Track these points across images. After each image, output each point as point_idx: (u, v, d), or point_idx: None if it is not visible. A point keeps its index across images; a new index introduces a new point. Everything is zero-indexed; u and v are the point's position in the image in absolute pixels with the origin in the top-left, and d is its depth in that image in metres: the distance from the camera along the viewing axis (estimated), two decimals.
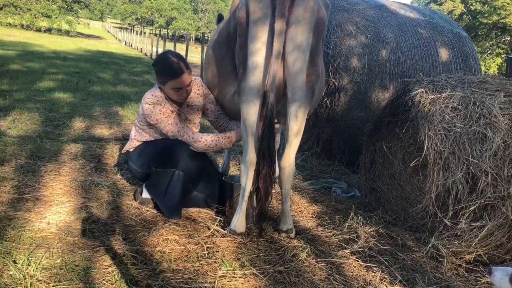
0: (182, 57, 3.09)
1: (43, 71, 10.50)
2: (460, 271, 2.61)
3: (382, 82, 4.74)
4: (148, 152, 3.16)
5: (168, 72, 2.98)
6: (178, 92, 3.03)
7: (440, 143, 2.80)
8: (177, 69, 2.97)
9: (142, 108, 3.10)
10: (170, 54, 3.08)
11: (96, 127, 5.54)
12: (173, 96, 3.06)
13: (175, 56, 3.04)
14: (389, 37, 4.91)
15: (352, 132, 4.76)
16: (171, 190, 3.05)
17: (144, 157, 3.16)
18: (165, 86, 3.02)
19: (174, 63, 2.99)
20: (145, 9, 64.74)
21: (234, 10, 2.89)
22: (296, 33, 2.60)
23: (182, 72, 2.98)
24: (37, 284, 2.09)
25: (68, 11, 38.75)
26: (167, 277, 2.27)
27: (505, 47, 34.27)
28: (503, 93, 2.91)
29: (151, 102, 3.04)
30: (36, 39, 23.88)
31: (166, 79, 2.99)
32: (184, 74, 2.99)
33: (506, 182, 2.59)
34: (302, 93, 2.68)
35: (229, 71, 3.03)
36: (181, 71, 2.98)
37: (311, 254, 2.67)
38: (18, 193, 3.17)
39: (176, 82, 2.98)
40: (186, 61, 3.09)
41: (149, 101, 3.04)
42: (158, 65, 3.07)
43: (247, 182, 2.75)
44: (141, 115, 3.15)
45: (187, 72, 3.02)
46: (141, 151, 3.21)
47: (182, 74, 2.98)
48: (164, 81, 3.01)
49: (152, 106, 3.03)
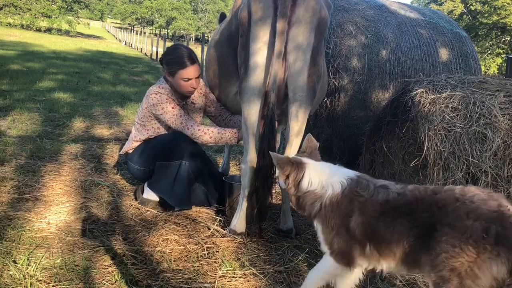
0: (192, 50, 3.17)
1: (43, 71, 10.50)
2: None
3: (382, 82, 4.74)
4: (149, 149, 3.18)
5: (178, 62, 3.04)
6: (187, 83, 3.07)
7: (440, 143, 2.80)
8: (188, 59, 3.05)
9: (146, 100, 3.13)
10: (181, 46, 3.17)
11: (96, 127, 5.54)
12: (182, 88, 3.09)
13: (185, 48, 3.13)
14: (389, 37, 4.91)
15: (352, 132, 4.76)
16: (179, 180, 3.07)
17: (147, 154, 3.17)
18: (175, 77, 3.06)
19: (185, 54, 3.06)
20: (145, 9, 64.76)
21: (236, 10, 2.89)
22: (297, 33, 2.60)
23: (193, 63, 3.06)
24: (37, 284, 2.09)
25: (68, 11, 38.76)
26: (167, 277, 2.27)
27: (505, 47, 34.28)
28: (503, 93, 2.91)
29: (157, 92, 3.09)
30: (36, 39, 23.88)
31: (177, 69, 3.04)
32: (194, 65, 3.08)
33: (506, 182, 2.59)
34: (303, 93, 2.68)
35: (231, 70, 3.04)
36: (191, 61, 3.05)
37: (311, 254, 2.67)
38: (18, 193, 3.17)
39: (186, 72, 3.03)
40: (195, 54, 3.17)
41: (156, 91, 3.10)
42: (169, 55, 3.12)
43: (248, 182, 2.75)
44: (144, 109, 3.16)
45: (196, 64, 3.10)
46: (141, 150, 3.22)
47: (193, 65, 3.06)
48: (174, 71, 3.05)
49: (159, 96, 3.08)
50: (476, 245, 1.56)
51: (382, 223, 1.79)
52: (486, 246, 1.55)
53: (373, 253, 1.86)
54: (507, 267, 1.54)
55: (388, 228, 1.77)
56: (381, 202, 1.82)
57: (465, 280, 1.57)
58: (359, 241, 1.87)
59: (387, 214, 1.79)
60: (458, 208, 1.65)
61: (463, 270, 1.57)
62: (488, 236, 1.55)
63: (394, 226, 1.77)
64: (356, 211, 1.85)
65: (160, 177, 3.15)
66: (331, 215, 1.91)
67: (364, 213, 1.84)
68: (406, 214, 1.75)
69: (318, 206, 1.96)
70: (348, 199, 1.88)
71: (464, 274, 1.57)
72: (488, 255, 1.55)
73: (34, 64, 11.70)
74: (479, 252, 1.56)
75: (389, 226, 1.77)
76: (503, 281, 1.55)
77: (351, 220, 1.86)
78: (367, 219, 1.83)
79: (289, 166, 1.99)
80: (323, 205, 1.94)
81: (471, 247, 1.57)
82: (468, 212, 1.61)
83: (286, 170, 1.99)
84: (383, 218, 1.79)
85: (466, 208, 1.63)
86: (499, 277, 1.55)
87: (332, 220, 1.91)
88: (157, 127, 3.21)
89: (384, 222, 1.79)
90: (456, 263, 1.58)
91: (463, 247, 1.57)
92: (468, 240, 1.58)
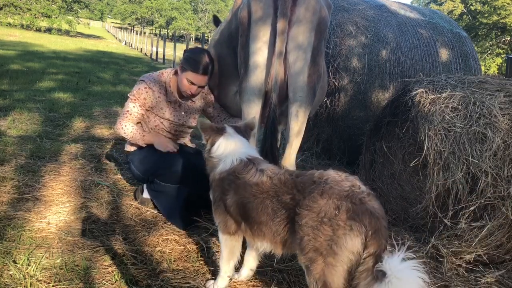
0: (213, 62, 3.14)
1: (43, 71, 10.49)
2: (460, 271, 2.61)
3: (382, 82, 4.74)
4: (150, 163, 3.11)
5: (194, 64, 3.04)
6: (189, 86, 3.07)
7: (440, 143, 2.80)
8: (203, 68, 3.03)
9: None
10: (207, 53, 3.13)
11: (96, 127, 5.53)
12: (182, 86, 3.10)
13: (209, 57, 3.09)
14: (389, 37, 4.91)
15: (352, 132, 4.76)
16: (174, 203, 3.02)
17: (146, 166, 3.12)
18: (183, 73, 3.07)
19: (203, 62, 3.05)
20: (145, 9, 64.72)
21: (236, 10, 2.89)
22: (298, 32, 2.60)
23: (205, 73, 3.04)
24: (37, 284, 2.09)
25: (68, 11, 38.72)
26: (167, 277, 2.27)
27: (505, 47, 34.27)
28: (503, 93, 2.91)
29: (142, 78, 3.18)
30: (36, 39, 23.87)
31: (189, 69, 3.04)
32: (205, 76, 3.06)
33: (506, 182, 2.59)
34: (303, 93, 2.67)
35: (231, 70, 3.04)
36: (204, 71, 3.03)
37: None
38: (18, 193, 3.17)
39: (194, 76, 3.03)
40: (213, 68, 3.14)
41: (142, 79, 3.18)
42: (191, 54, 3.12)
43: None
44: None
45: (207, 76, 3.07)
46: (143, 157, 3.16)
47: (203, 75, 3.04)
48: (186, 68, 3.06)
49: (139, 82, 3.16)
50: (330, 223, 1.65)
51: (251, 204, 1.92)
52: (339, 223, 1.63)
53: (247, 232, 2.00)
54: (361, 240, 1.62)
55: (257, 210, 1.89)
56: (252, 185, 1.94)
57: (327, 259, 1.65)
58: (234, 218, 2.03)
59: (256, 197, 1.90)
60: (313, 190, 1.74)
61: (323, 249, 1.65)
62: (339, 212, 1.64)
63: (261, 208, 1.89)
64: (232, 190, 2.00)
65: (158, 192, 3.12)
66: (216, 188, 2.09)
67: (237, 194, 1.98)
68: (271, 197, 1.87)
69: (212, 176, 2.14)
70: (229, 178, 2.03)
71: (325, 253, 1.65)
72: (342, 231, 1.63)
73: (34, 64, 11.70)
74: (333, 229, 1.64)
75: (257, 208, 1.89)
76: (359, 255, 1.62)
77: (227, 198, 2.01)
78: (240, 199, 1.96)
79: (210, 130, 2.18)
80: (214, 176, 2.12)
81: (325, 226, 1.65)
82: (322, 193, 1.71)
83: (207, 134, 2.18)
84: (253, 200, 1.91)
85: (320, 189, 1.72)
86: (354, 251, 1.62)
87: (216, 193, 2.09)
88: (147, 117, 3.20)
89: (254, 203, 1.91)
90: (317, 243, 1.67)
91: (319, 227, 1.66)
92: (323, 219, 1.66)
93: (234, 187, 1.99)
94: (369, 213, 1.64)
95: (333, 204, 1.67)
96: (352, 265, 1.64)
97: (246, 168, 2.00)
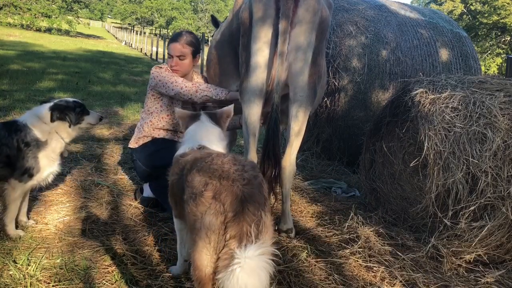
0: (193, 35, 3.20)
1: (43, 71, 10.49)
2: (460, 271, 2.61)
3: (382, 82, 4.74)
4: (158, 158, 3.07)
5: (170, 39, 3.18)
6: (169, 59, 3.17)
7: (440, 143, 2.80)
8: (174, 36, 3.14)
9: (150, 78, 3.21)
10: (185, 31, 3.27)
11: (96, 127, 5.51)
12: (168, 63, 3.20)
13: (187, 31, 3.21)
14: (389, 37, 4.91)
15: (352, 132, 4.76)
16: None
17: (155, 161, 3.09)
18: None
19: (177, 32, 3.15)
20: (145, 9, 64.70)
21: (237, 11, 2.90)
22: (299, 33, 2.61)
23: (175, 40, 3.13)
24: (37, 284, 2.09)
25: (68, 11, 38.70)
26: (167, 277, 2.27)
27: (505, 47, 34.27)
28: (503, 93, 2.91)
29: (157, 66, 3.21)
30: (36, 39, 23.86)
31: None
32: (176, 43, 3.12)
33: (506, 182, 2.59)
34: (304, 94, 2.68)
35: (231, 70, 3.04)
36: (174, 39, 3.13)
37: (311, 254, 2.67)
38: None
39: (169, 47, 3.15)
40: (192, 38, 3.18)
41: (157, 66, 3.22)
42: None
43: None
44: (149, 90, 3.24)
45: (179, 43, 3.12)
46: (149, 153, 3.14)
47: (174, 42, 3.12)
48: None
49: (159, 68, 3.18)
50: (196, 199, 1.67)
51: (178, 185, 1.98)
52: (202, 200, 1.65)
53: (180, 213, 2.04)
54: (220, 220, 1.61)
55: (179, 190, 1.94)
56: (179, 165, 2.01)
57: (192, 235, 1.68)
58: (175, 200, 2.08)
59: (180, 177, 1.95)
60: (193, 167, 1.78)
61: (191, 225, 1.69)
62: (205, 190, 1.65)
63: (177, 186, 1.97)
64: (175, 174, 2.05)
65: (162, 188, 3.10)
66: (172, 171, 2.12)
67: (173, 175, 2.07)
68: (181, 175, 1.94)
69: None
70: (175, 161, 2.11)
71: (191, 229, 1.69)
72: (203, 207, 1.64)
73: (34, 64, 11.69)
74: (197, 205, 1.66)
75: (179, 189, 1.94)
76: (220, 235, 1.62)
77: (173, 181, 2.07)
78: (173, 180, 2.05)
79: (186, 117, 2.33)
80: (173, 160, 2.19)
81: (193, 201, 1.68)
82: (199, 170, 1.74)
83: (184, 120, 2.33)
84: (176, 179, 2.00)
85: (200, 166, 1.76)
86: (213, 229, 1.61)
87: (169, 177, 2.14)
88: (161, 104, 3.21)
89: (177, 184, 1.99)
90: (190, 219, 1.70)
91: (190, 202, 1.69)
92: (192, 195, 1.69)
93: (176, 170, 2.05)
94: (235, 195, 1.62)
95: (203, 181, 1.68)
96: (215, 245, 1.62)
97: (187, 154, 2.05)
